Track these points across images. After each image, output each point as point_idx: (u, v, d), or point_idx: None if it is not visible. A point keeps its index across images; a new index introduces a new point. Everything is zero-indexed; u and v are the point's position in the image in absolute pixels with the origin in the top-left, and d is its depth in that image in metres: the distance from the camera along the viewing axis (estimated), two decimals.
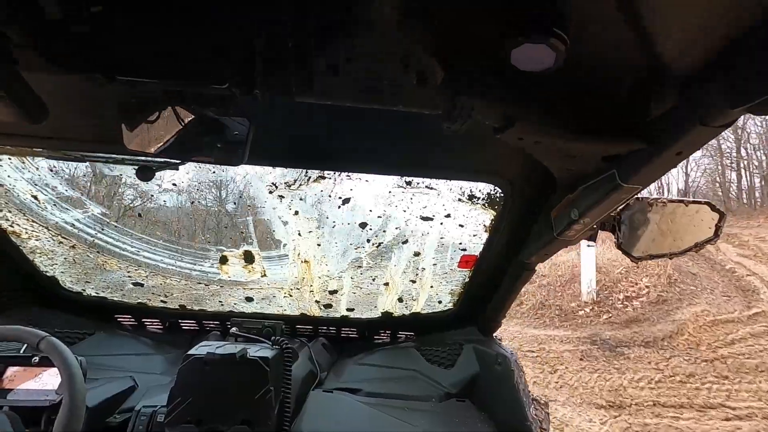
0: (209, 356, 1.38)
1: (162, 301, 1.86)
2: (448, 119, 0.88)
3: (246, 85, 0.78)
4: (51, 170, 1.38)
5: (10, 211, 1.50)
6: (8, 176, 1.38)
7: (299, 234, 1.61)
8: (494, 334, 1.98)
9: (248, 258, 1.70)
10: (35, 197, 1.45)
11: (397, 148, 1.28)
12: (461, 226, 1.57)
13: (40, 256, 1.68)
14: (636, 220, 1.31)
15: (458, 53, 0.80)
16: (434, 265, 1.74)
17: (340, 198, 1.47)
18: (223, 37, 0.77)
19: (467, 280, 1.80)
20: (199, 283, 1.79)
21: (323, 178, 1.40)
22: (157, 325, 1.96)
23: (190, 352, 1.41)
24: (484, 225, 1.56)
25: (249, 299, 1.87)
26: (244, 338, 1.59)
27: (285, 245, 1.66)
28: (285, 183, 1.43)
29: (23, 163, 1.34)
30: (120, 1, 0.73)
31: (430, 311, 1.96)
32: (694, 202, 1.30)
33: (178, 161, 1.18)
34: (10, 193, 1.44)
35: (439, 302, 1.92)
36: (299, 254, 1.69)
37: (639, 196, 1.20)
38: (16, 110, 0.75)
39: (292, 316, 1.94)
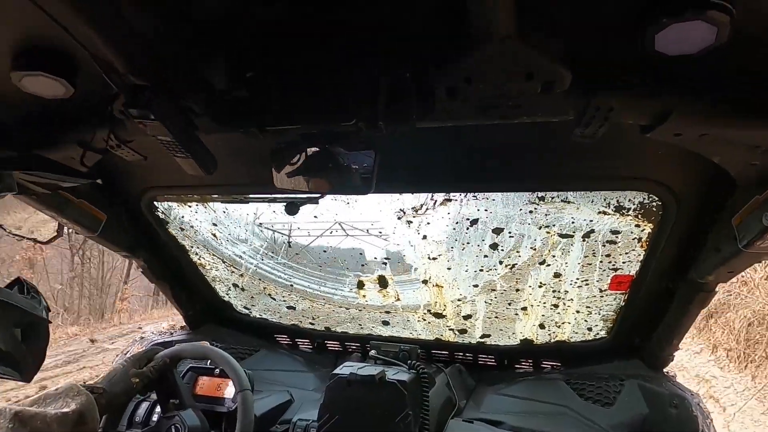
0: (352, 377, 1.46)
1: (311, 323, 2.05)
2: (581, 124, 0.80)
3: (370, 119, 0.83)
4: (224, 212, 1.67)
5: (198, 247, 1.86)
6: (196, 219, 1.72)
7: (429, 258, 1.62)
8: (665, 370, 1.66)
9: (382, 283, 1.77)
10: (214, 235, 1.78)
11: (524, 162, 1.21)
12: (610, 242, 1.38)
13: (218, 284, 2.03)
14: None
15: (589, 49, 0.73)
16: (579, 287, 1.56)
17: (467, 219, 1.44)
18: (348, 81, 0.84)
19: (622, 304, 1.56)
20: (341, 307, 1.93)
21: (449, 200, 1.40)
22: (308, 344, 2.16)
23: (335, 371, 1.51)
24: (639, 239, 1.34)
25: (385, 323, 1.94)
26: (383, 361, 1.64)
27: (416, 269, 1.69)
28: (412, 208, 1.46)
29: (205, 207, 1.66)
30: (266, 66, 0.86)
31: (578, 340, 1.75)
32: None
33: (317, 195, 1.32)
34: (198, 232, 1.78)
35: (589, 329, 1.70)
36: (431, 278, 1.70)
37: None
38: (197, 166, 0.94)
39: (427, 340, 1.94)
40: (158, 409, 1.55)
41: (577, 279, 1.53)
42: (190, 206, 1.66)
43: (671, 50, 0.63)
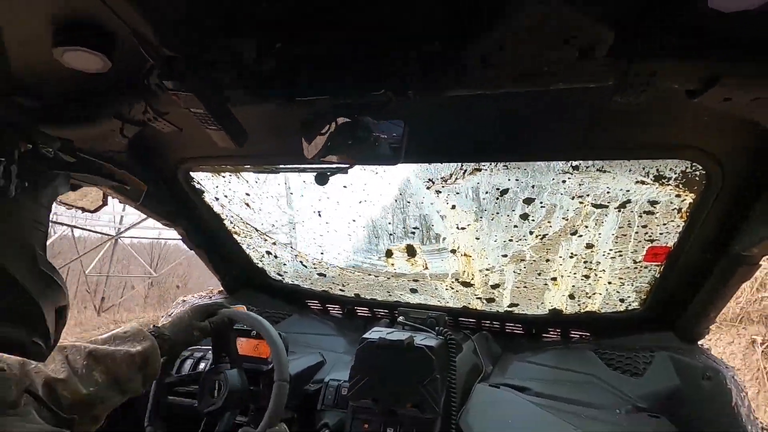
0: (381, 341, 1.51)
1: (340, 289, 2.12)
2: (621, 90, 0.76)
3: (399, 89, 0.82)
4: (256, 182, 1.71)
5: (233, 217, 1.92)
6: (230, 189, 1.77)
7: (458, 228, 1.62)
8: (700, 343, 1.63)
9: (410, 252, 1.79)
10: (247, 204, 1.83)
11: (558, 130, 1.16)
12: (647, 213, 1.34)
13: (252, 251, 2.11)
14: None
15: (630, 11, 0.68)
16: (612, 258, 1.53)
17: (497, 189, 1.42)
18: (377, 51, 0.82)
19: (657, 276, 1.52)
20: (370, 275, 1.98)
21: (479, 170, 1.38)
22: (338, 310, 2.24)
23: (365, 336, 1.57)
24: (679, 210, 1.29)
25: (413, 290, 1.97)
26: (411, 327, 1.68)
27: (444, 239, 1.69)
28: (441, 178, 1.45)
29: (238, 177, 1.70)
30: (295, 38, 0.86)
31: (609, 311, 1.73)
32: None
33: (346, 165, 1.33)
34: (232, 202, 1.84)
35: (621, 301, 1.68)
36: (459, 248, 1.70)
37: None
38: (228, 138, 0.96)
39: (455, 308, 1.97)
40: (202, 365, 1.66)
41: (611, 250, 1.50)
42: (223, 176, 1.71)
43: (728, 7, 0.58)
